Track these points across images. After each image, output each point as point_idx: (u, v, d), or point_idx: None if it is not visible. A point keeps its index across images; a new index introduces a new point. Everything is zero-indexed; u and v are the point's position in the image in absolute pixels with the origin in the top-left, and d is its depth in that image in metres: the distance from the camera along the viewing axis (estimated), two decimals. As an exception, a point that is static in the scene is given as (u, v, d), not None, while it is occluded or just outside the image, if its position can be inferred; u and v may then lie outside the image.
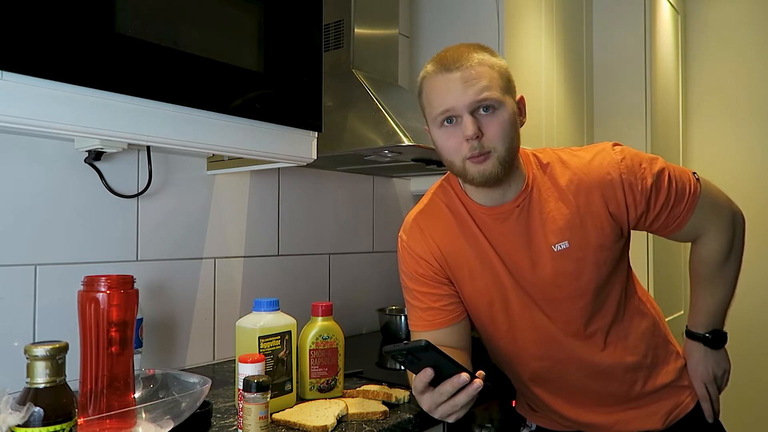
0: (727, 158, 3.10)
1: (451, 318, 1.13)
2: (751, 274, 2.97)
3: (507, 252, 1.09)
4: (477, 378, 0.86)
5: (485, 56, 1.00)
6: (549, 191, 1.07)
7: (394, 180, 2.07)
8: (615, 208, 1.06)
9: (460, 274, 1.12)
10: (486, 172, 1.00)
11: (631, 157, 1.07)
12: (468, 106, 0.98)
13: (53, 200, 1.18)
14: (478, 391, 0.86)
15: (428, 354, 0.84)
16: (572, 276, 1.07)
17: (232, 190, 1.53)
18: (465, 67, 0.98)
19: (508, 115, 1.00)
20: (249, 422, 0.88)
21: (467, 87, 0.97)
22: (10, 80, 0.79)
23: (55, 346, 0.69)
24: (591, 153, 1.09)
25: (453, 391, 0.86)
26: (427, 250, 1.13)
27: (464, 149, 1.00)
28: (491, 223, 1.09)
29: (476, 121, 0.98)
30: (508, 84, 1.02)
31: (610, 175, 1.05)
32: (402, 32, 2.02)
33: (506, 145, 1.00)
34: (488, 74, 0.98)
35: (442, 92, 1.00)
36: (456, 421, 0.92)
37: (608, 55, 2.59)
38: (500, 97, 0.99)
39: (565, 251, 1.06)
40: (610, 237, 1.07)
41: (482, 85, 0.97)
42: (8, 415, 0.66)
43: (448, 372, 0.86)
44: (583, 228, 1.06)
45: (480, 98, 0.97)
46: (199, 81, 1.01)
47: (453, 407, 0.87)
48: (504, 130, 0.99)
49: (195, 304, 1.44)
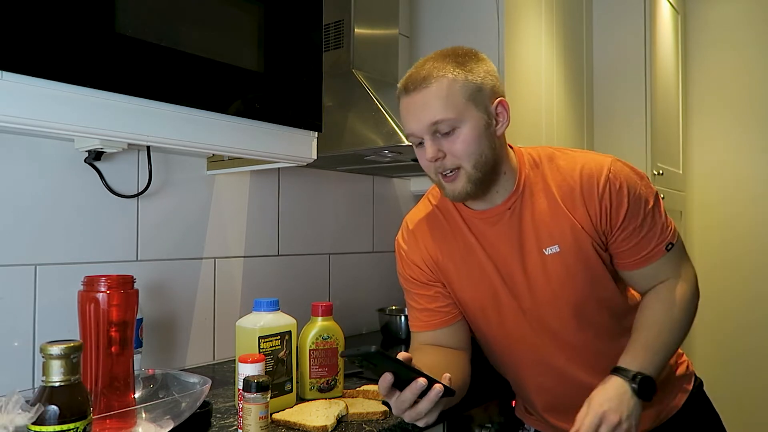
0: (728, 158, 3.10)
1: (448, 319, 1.13)
2: (752, 273, 2.98)
3: (500, 256, 1.08)
4: (438, 383, 0.84)
5: (447, 70, 0.97)
6: (539, 192, 1.06)
7: (394, 180, 2.07)
8: (595, 216, 1.03)
9: (453, 280, 1.12)
10: (456, 190, 1.00)
11: (625, 176, 1.02)
12: (425, 130, 0.98)
13: (53, 200, 1.18)
14: (440, 396, 0.84)
15: (381, 360, 0.82)
16: (563, 280, 1.05)
17: (232, 190, 1.53)
18: (421, 88, 0.97)
19: (471, 130, 0.97)
20: (249, 422, 0.88)
21: (422, 111, 0.97)
22: (10, 80, 0.79)
23: (70, 345, 0.69)
24: (586, 158, 1.06)
25: (413, 398, 0.84)
26: (419, 256, 1.13)
27: (432, 168, 1.01)
28: (483, 227, 1.09)
29: (437, 143, 0.98)
30: (475, 95, 0.98)
31: (593, 183, 1.02)
32: (402, 32, 2.02)
33: (473, 161, 0.98)
34: (445, 93, 0.96)
35: (404, 115, 1.01)
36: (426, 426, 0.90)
37: (608, 55, 2.59)
38: (457, 116, 0.96)
39: (556, 255, 1.04)
40: (596, 245, 1.04)
41: (436, 107, 0.96)
42: (17, 415, 0.66)
43: (407, 377, 0.84)
44: (572, 232, 1.03)
45: (433, 123, 0.97)
46: (199, 81, 1.01)
47: (417, 414, 0.86)
48: (466, 148, 0.98)
49: (195, 304, 1.44)
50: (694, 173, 3.14)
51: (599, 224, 1.03)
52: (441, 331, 1.13)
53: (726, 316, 3.00)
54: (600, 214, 1.02)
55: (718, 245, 3.04)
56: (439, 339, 1.13)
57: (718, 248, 3.03)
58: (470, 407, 1.23)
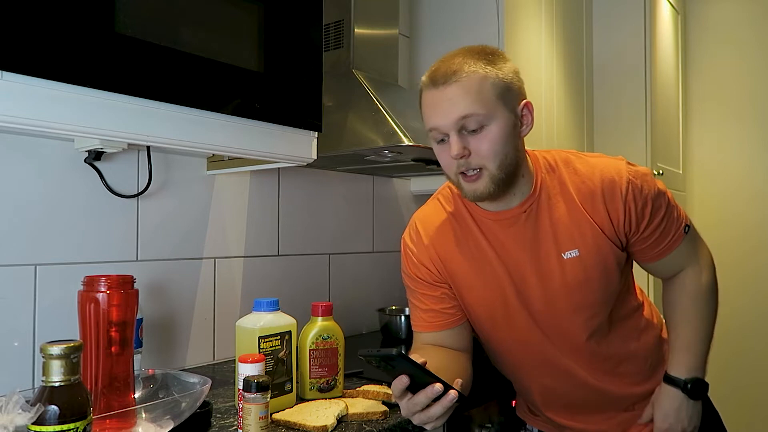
0: (728, 158, 3.10)
1: (452, 321, 1.13)
2: (752, 273, 2.97)
3: (512, 259, 1.07)
4: (452, 389, 0.84)
5: (479, 66, 0.95)
6: (557, 196, 1.05)
7: (394, 180, 2.07)
8: (616, 220, 1.03)
9: (460, 283, 1.11)
10: (478, 191, 0.98)
11: (641, 176, 1.04)
12: (452, 126, 0.95)
13: (53, 200, 1.18)
14: (454, 402, 0.84)
15: (401, 363, 0.83)
16: (581, 283, 1.04)
17: (232, 190, 1.53)
18: (451, 82, 0.94)
19: (499, 129, 0.96)
20: (249, 422, 0.88)
21: (451, 105, 0.94)
22: (10, 80, 0.79)
23: (70, 345, 0.69)
24: (603, 162, 1.06)
25: (427, 402, 0.84)
26: (426, 256, 1.12)
27: (454, 166, 0.98)
28: (497, 230, 1.07)
29: (463, 140, 0.95)
30: (505, 94, 0.97)
31: (614, 188, 1.02)
32: (402, 32, 2.02)
33: (498, 161, 0.96)
34: (476, 89, 0.94)
35: (429, 109, 0.98)
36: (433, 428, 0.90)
37: (608, 55, 2.59)
38: (488, 112, 0.94)
39: (576, 259, 1.03)
40: (615, 247, 1.05)
41: (467, 102, 0.94)
42: (17, 415, 0.66)
43: (422, 381, 0.84)
44: (592, 235, 1.03)
45: (461, 117, 0.94)
46: (199, 81, 1.01)
47: (429, 418, 0.86)
48: (493, 147, 0.96)
49: (195, 304, 1.44)
50: (694, 173, 3.14)
51: (623, 226, 1.03)
52: (444, 332, 1.12)
53: (726, 315, 2.98)
54: (625, 217, 1.03)
55: (718, 245, 3.01)
56: (442, 340, 1.12)
57: (718, 248, 3.00)
58: (470, 407, 1.23)
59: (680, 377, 1.10)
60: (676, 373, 1.11)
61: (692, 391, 1.09)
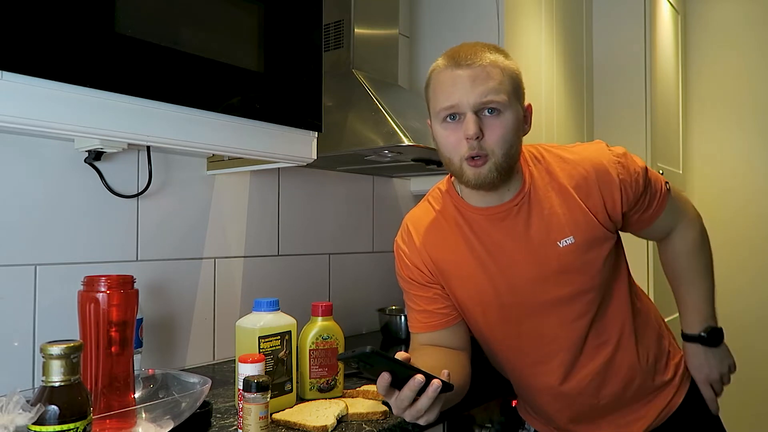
0: (728, 158, 3.10)
1: (447, 321, 1.13)
2: (752, 273, 2.98)
3: (504, 254, 1.07)
4: (436, 378, 0.84)
5: (499, 58, 0.99)
6: (547, 187, 1.06)
7: (394, 180, 2.07)
8: (610, 203, 1.06)
9: (452, 282, 1.11)
10: (481, 176, 0.99)
11: (623, 156, 1.09)
12: (473, 105, 0.96)
13: (53, 200, 1.18)
14: (439, 392, 0.83)
15: (377, 360, 0.82)
16: (577, 270, 1.06)
17: (232, 190, 1.53)
18: (476, 65, 0.97)
19: (512, 120, 0.99)
20: (249, 422, 0.88)
21: (475, 86, 0.96)
22: (10, 80, 0.79)
23: (70, 345, 0.69)
24: (588, 150, 1.09)
25: (412, 395, 0.83)
26: (418, 257, 1.13)
27: (463, 148, 0.98)
28: (488, 226, 1.08)
29: (479, 122, 0.97)
30: (517, 89, 1.01)
31: (608, 172, 1.05)
32: (402, 32, 2.02)
33: (504, 150, 0.98)
34: (498, 76, 0.97)
35: (449, 87, 0.98)
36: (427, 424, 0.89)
37: (608, 55, 2.59)
38: (507, 101, 0.97)
39: (572, 246, 1.05)
40: (609, 231, 1.07)
41: (490, 86, 0.96)
42: (17, 415, 0.66)
43: (403, 375, 0.84)
44: (586, 222, 1.05)
45: (486, 99, 0.96)
46: (199, 81, 1.01)
47: (418, 411, 0.85)
48: (505, 135, 0.98)
49: (195, 304, 1.44)
50: (694, 173, 3.14)
51: (619, 207, 1.06)
52: (440, 332, 1.12)
53: (726, 314, 2.98)
54: (622, 197, 1.06)
55: (718, 245, 3.01)
56: (439, 340, 1.13)
57: (718, 248, 3.00)
58: (470, 407, 1.23)
59: (694, 332, 1.19)
60: (691, 331, 1.20)
61: (709, 340, 1.18)
